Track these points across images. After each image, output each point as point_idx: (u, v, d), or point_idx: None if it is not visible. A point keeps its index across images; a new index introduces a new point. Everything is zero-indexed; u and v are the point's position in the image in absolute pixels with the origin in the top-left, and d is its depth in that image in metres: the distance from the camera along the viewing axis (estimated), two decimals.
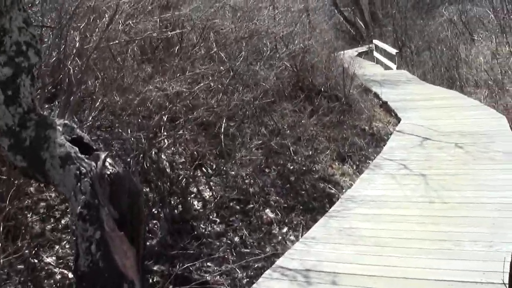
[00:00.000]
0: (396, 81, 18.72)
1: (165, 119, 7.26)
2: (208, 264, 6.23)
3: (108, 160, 3.95)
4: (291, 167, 9.15)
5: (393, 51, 23.34)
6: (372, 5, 36.74)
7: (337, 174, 9.59)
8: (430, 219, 6.40)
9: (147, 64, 8.41)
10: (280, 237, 7.21)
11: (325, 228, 6.43)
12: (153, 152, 7.22)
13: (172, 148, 7.82)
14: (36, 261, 5.36)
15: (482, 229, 5.96)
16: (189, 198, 7.38)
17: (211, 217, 7.27)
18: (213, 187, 7.81)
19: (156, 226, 6.59)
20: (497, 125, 10.81)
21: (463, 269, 4.98)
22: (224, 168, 8.04)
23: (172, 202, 7.06)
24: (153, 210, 6.73)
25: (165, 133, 7.40)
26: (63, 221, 6.00)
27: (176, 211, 6.96)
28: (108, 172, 3.88)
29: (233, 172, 8.09)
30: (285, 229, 7.44)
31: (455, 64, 18.88)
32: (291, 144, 9.60)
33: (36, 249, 5.40)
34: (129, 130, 6.83)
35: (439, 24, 23.44)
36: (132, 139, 6.72)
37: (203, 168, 8.00)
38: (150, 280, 5.67)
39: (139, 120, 7.14)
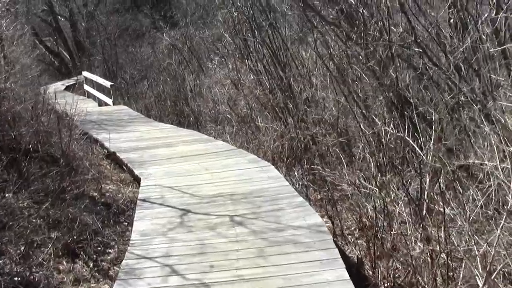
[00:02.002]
0: (119, 121, 15.66)
1: None
2: None
3: None
4: None
5: (108, 83, 20.20)
6: (76, 33, 33.28)
7: (68, 281, 6.28)
8: None
9: None
10: None
11: None
12: None
13: None
14: None
15: None
16: None
17: None
18: None
19: None
20: (268, 178, 8.28)
21: None
22: None
23: None
24: None
25: None
26: None
27: None
28: None
29: None
30: None
31: (184, 97, 16.42)
32: None
33: None
34: None
35: (159, 51, 20.94)
36: None
37: None
38: None
39: None
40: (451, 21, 7.21)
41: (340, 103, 9.07)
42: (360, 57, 7.86)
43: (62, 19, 34.84)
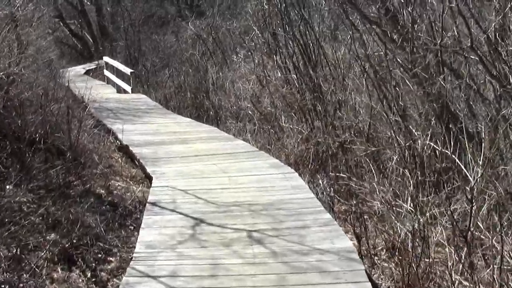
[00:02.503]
0: (135, 110, 15.02)
1: None
2: None
3: None
4: None
5: (128, 70, 19.60)
6: (101, 18, 32.75)
7: None
8: None
9: None
10: None
11: None
12: None
13: None
14: None
15: None
16: None
17: None
18: None
19: None
20: (292, 187, 7.53)
21: None
22: None
23: None
24: None
25: None
26: None
27: None
28: None
29: None
30: None
31: (206, 89, 15.72)
32: None
33: None
34: None
35: (183, 41, 20.26)
36: None
37: None
38: None
39: None
40: (508, 26, 6.41)
41: (374, 109, 8.29)
42: (405, 61, 7.04)
43: (87, 2, 34.40)
